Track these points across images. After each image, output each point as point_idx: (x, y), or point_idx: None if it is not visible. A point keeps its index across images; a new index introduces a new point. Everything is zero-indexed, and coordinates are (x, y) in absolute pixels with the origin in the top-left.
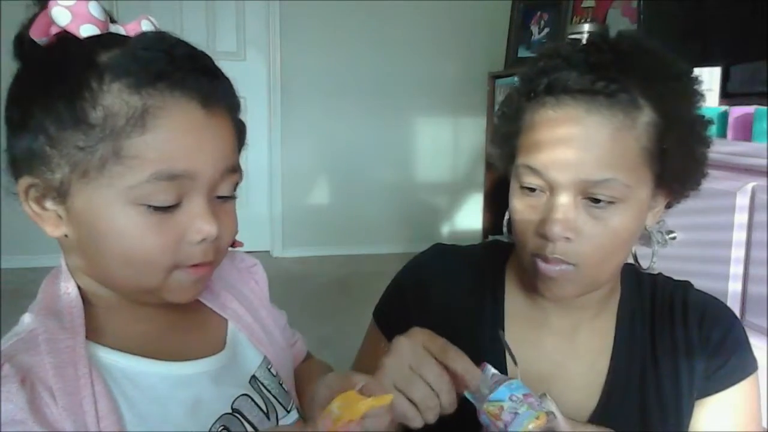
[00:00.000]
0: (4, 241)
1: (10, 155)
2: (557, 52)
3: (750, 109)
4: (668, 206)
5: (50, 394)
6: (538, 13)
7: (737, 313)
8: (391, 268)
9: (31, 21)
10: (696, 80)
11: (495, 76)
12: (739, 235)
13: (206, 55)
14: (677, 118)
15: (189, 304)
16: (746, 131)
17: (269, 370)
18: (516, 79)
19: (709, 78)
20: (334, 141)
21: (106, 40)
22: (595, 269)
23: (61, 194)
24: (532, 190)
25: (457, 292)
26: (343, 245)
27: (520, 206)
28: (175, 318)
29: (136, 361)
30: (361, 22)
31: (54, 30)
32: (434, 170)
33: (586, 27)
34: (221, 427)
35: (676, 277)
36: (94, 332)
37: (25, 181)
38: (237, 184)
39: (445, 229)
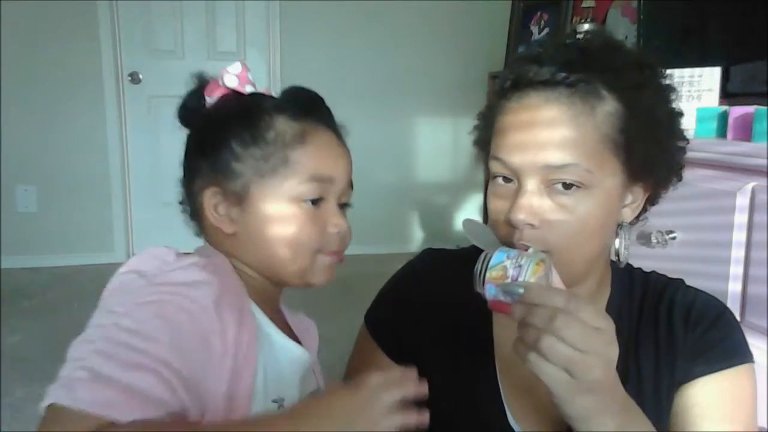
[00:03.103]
0: (4, 241)
1: (196, 179)
2: (527, 54)
3: (750, 109)
4: (653, 203)
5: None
6: (538, 13)
7: (737, 313)
8: (391, 268)
9: (198, 92)
10: (662, 73)
11: (495, 76)
12: (739, 236)
13: (324, 101)
14: (640, 109)
15: (283, 317)
16: (746, 131)
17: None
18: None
19: (709, 78)
20: None
21: (263, 96)
22: (567, 257)
23: (239, 196)
24: (506, 180)
25: (448, 296)
26: None
27: (492, 198)
28: (279, 318)
29: (272, 327)
30: (361, 22)
31: (218, 93)
32: (434, 170)
33: (586, 27)
34: None
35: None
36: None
37: (211, 190)
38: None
39: (446, 229)
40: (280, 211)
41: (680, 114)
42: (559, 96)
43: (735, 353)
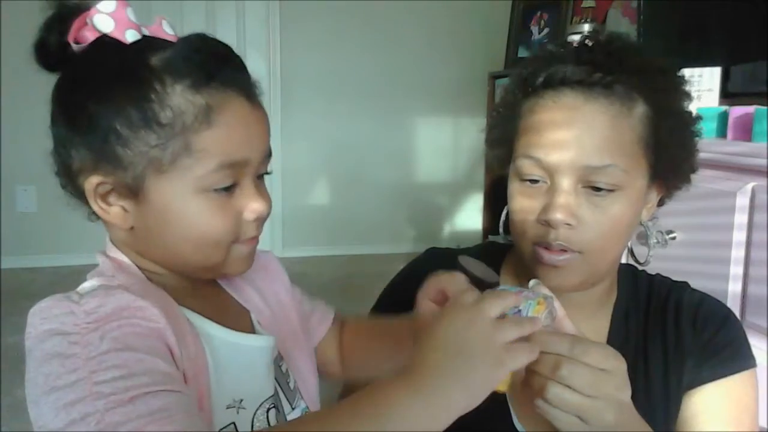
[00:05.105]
0: (4, 241)
1: (72, 157)
2: (550, 52)
3: (750, 109)
4: (661, 203)
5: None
6: (538, 13)
7: (737, 313)
8: (391, 268)
9: (58, 27)
10: (683, 78)
11: (495, 76)
12: (739, 236)
13: (233, 50)
14: (669, 111)
15: (221, 295)
16: (746, 131)
17: (280, 366)
18: (509, 80)
19: (709, 78)
20: (334, 141)
21: (150, 44)
22: (598, 257)
23: (132, 190)
24: (534, 182)
25: None
26: (343, 245)
27: (521, 198)
28: (214, 303)
29: (211, 323)
30: (361, 22)
31: (90, 35)
32: (434, 170)
33: (586, 27)
34: (271, 405)
35: (675, 278)
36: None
37: (94, 179)
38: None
39: (446, 229)
40: (184, 206)
41: (699, 118)
42: (597, 96)
43: (741, 358)
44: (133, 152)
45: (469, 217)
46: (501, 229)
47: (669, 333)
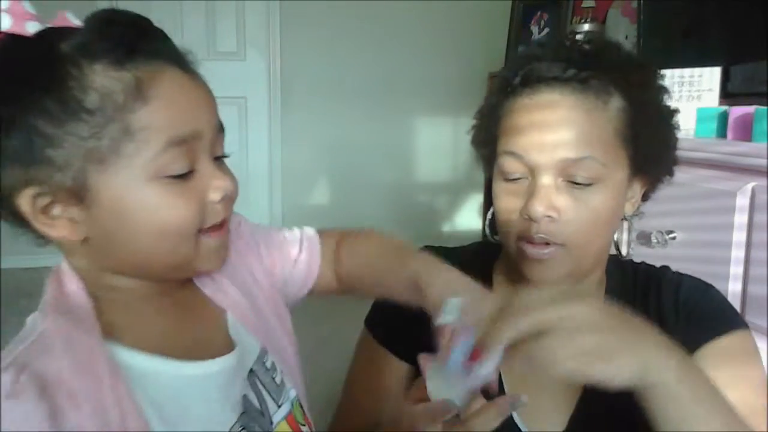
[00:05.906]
0: (4, 241)
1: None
2: (530, 53)
3: (750, 109)
4: (645, 197)
5: (73, 400)
6: (538, 13)
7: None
8: None
9: None
10: (659, 73)
11: (495, 76)
12: (739, 236)
13: (152, 22)
14: (645, 105)
15: (193, 298)
16: (746, 131)
17: (264, 363)
18: (493, 81)
19: (709, 78)
20: (334, 141)
21: (56, 33)
22: (581, 250)
23: (76, 194)
24: (516, 179)
25: None
26: None
27: (504, 195)
28: (185, 312)
29: (155, 360)
30: (361, 22)
31: None
32: (434, 170)
33: (586, 27)
34: (241, 428)
35: None
36: (109, 331)
37: (28, 192)
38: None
39: (445, 229)
40: (139, 198)
41: (676, 111)
42: (573, 91)
43: (729, 320)
44: (66, 149)
45: (468, 218)
46: (487, 230)
47: (650, 307)
